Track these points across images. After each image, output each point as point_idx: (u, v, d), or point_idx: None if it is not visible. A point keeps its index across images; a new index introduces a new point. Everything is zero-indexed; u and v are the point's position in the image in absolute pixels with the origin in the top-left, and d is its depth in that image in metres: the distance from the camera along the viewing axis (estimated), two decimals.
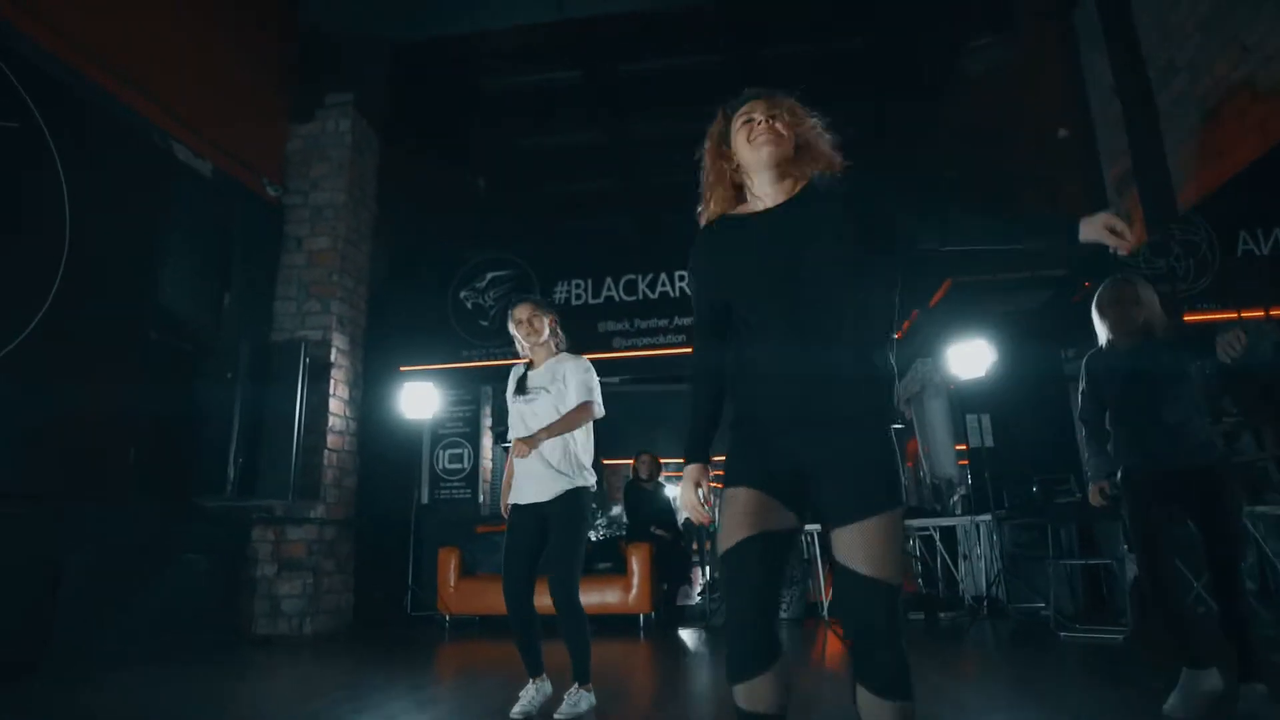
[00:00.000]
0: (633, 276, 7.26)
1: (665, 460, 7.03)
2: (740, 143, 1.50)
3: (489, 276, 7.54)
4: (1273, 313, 6.08)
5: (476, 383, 7.56)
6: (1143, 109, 4.57)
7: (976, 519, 5.89)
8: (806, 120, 1.52)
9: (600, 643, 4.95)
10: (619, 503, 8.72)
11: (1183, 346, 2.59)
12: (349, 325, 6.04)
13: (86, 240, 4.18)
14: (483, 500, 7.48)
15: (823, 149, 1.51)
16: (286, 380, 5.22)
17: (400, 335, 7.35)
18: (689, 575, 6.85)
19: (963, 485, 6.99)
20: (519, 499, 2.86)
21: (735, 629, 1.34)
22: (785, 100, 1.52)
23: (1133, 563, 4.25)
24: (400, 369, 7.25)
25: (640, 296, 7.22)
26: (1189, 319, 5.94)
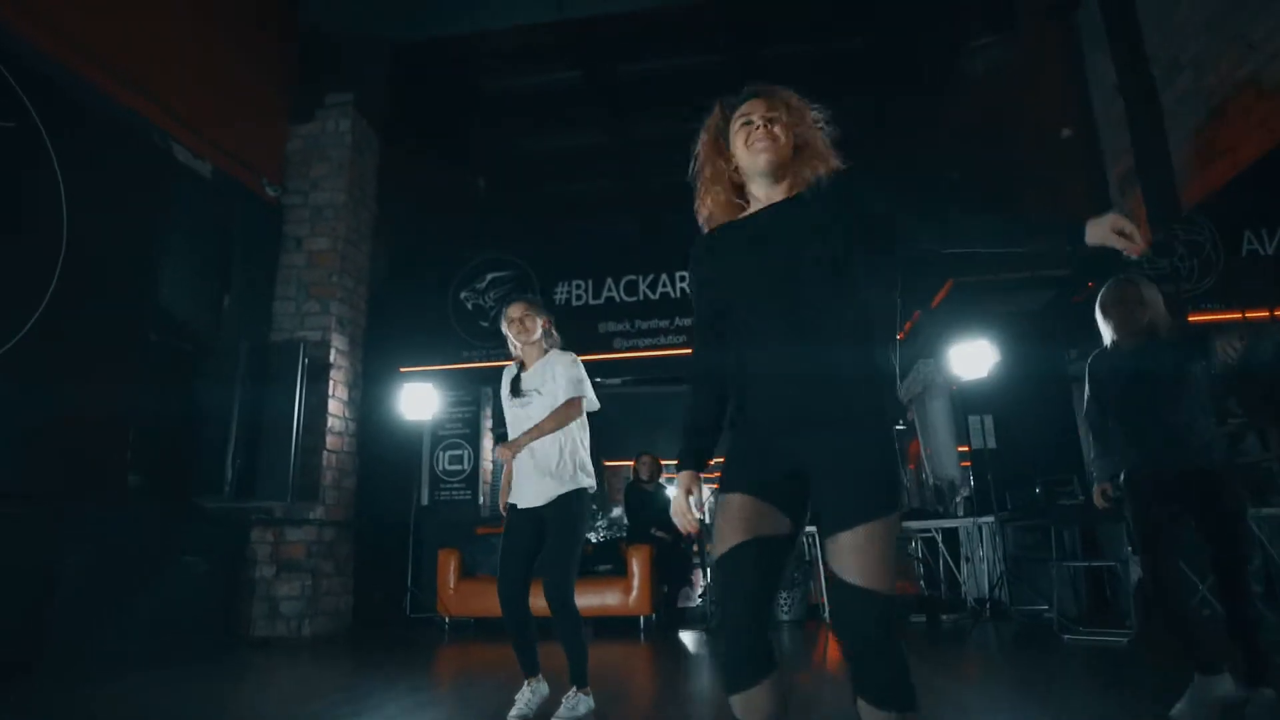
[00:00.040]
0: (633, 277, 7.23)
1: (666, 462, 6.99)
2: (738, 146, 1.48)
3: (489, 277, 7.52)
4: (1277, 313, 6.03)
5: (477, 384, 7.54)
6: (1146, 107, 4.55)
7: (979, 521, 5.86)
8: (807, 118, 1.49)
9: (600, 645, 4.96)
10: (619, 504, 8.69)
11: (1187, 347, 2.56)
12: (348, 326, 6.02)
13: (84, 240, 4.16)
14: (482, 502, 7.45)
15: (822, 148, 1.49)
16: (285, 381, 5.20)
17: (400, 336, 7.33)
18: (689, 577, 6.82)
19: (965, 487, 6.95)
20: (518, 501, 2.85)
21: (730, 637, 1.32)
22: (784, 96, 1.50)
23: (1137, 565, 4.22)
24: (400, 370, 7.24)
25: (641, 297, 7.19)
26: (1193, 319, 5.90)
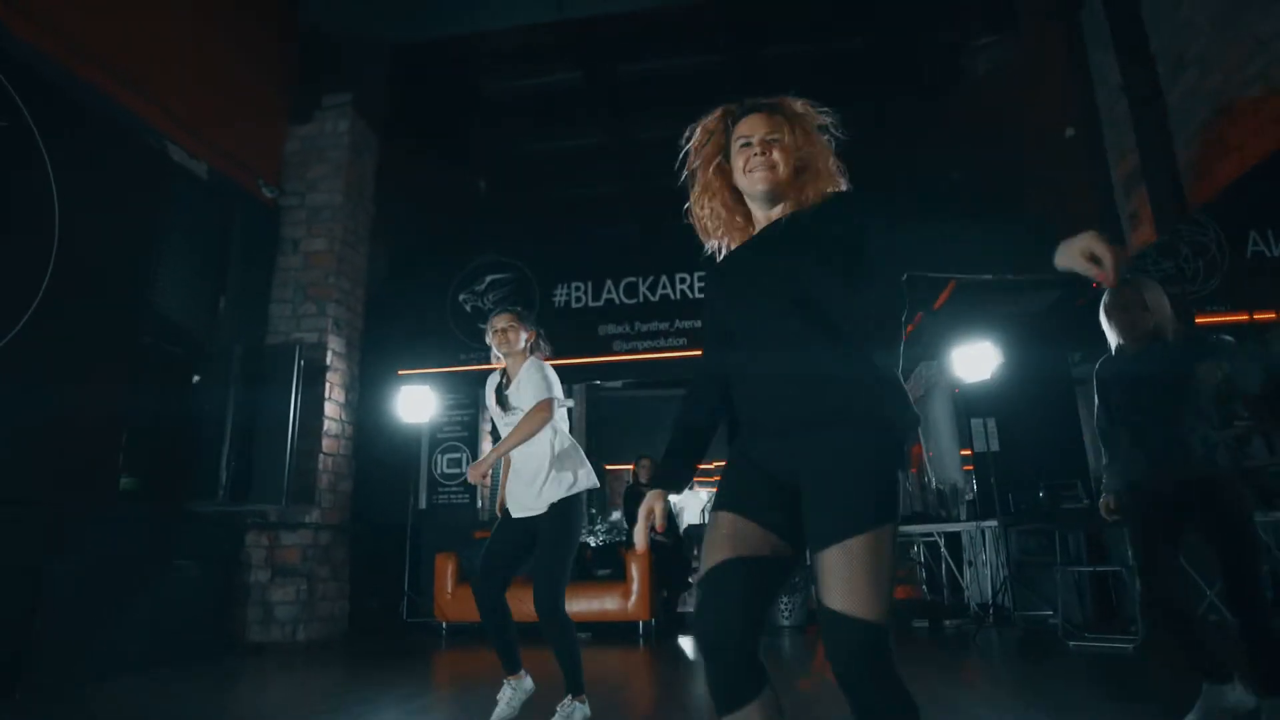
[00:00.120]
0: (633, 279, 7.18)
1: None
2: (737, 166, 1.45)
3: (488, 279, 7.47)
4: None
5: (475, 386, 7.48)
6: (1150, 106, 4.49)
7: (982, 525, 5.80)
8: (812, 134, 1.45)
9: (599, 650, 4.90)
10: (619, 508, 8.64)
11: (1192, 349, 2.50)
12: (345, 328, 5.97)
13: (77, 241, 4.11)
14: (481, 505, 7.39)
15: (826, 170, 1.44)
16: (281, 383, 5.16)
17: (398, 338, 7.28)
18: (689, 582, 6.76)
19: (968, 490, 6.89)
20: (511, 509, 2.83)
21: (708, 659, 1.25)
22: (788, 113, 1.45)
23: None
24: (398, 373, 7.19)
25: (641, 299, 7.13)
26: (1200, 321, 5.84)
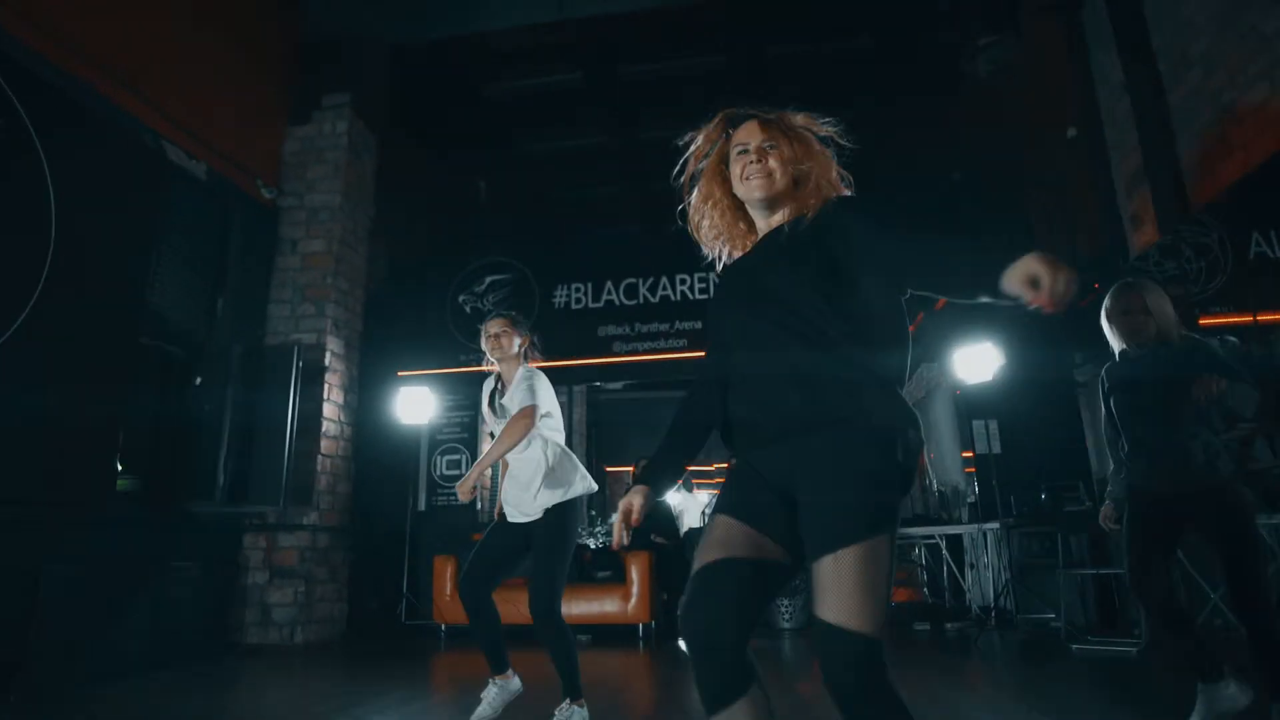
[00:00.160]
0: (633, 280, 7.14)
1: None
2: (734, 173, 1.45)
3: (488, 280, 7.44)
4: None
5: (475, 387, 7.40)
6: (1153, 105, 4.46)
7: (984, 527, 5.77)
8: (812, 146, 1.44)
9: (598, 653, 4.87)
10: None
11: (1195, 355, 2.47)
12: (344, 329, 5.95)
13: (73, 241, 4.09)
14: (480, 507, 7.36)
15: (825, 182, 1.43)
16: (279, 384, 5.15)
17: (398, 339, 7.25)
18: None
19: (969, 492, 6.86)
20: (507, 515, 2.80)
21: (695, 658, 1.23)
22: (785, 125, 1.44)
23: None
24: (398, 374, 7.16)
25: (641, 300, 7.10)
26: (1204, 322, 5.81)
